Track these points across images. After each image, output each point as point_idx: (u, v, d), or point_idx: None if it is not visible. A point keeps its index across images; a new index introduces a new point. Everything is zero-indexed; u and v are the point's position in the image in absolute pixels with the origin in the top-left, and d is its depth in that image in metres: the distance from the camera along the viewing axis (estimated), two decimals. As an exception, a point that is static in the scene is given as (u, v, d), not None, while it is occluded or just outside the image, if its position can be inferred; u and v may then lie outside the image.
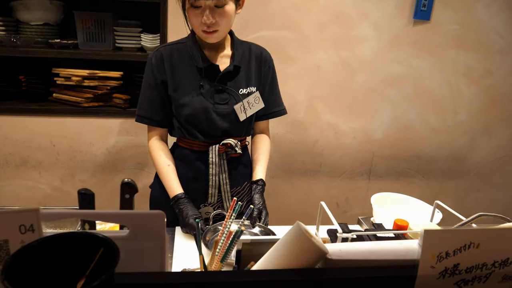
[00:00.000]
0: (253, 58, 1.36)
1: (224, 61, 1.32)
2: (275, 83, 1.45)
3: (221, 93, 1.30)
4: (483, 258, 0.64)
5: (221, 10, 1.18)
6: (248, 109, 1.33)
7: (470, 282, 0.65)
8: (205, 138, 1.32)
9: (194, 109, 1.28)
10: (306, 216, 2.34)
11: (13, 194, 2.09)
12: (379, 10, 2.05)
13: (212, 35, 1.21)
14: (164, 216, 0.68)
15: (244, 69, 1.34)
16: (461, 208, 2.44)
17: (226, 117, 1.31)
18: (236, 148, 1.33)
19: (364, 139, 2.27)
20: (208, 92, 1.29)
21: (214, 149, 1.32)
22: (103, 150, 2.07)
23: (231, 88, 1.31)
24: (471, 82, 2.25)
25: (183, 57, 1.29)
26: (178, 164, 1.36)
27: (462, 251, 0.63)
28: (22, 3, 1.95)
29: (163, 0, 1.90)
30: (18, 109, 1.98)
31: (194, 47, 1.29)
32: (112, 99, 2.07)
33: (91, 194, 0.77)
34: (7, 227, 0.60)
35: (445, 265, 0.63)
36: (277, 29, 2.02)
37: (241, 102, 1.31)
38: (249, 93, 1.34)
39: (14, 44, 1.92)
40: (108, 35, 2.03)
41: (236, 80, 1.32)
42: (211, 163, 1.32)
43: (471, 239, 0.76)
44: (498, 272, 0.65)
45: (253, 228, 1.28)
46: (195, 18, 1.19)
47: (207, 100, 1.28)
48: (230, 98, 1.31)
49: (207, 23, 1.17)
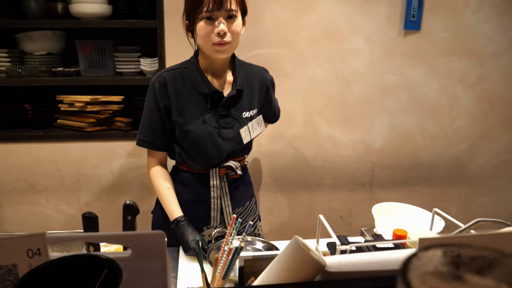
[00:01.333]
0: (256, 81, 1.39)
1: (227, 85, 1.35)
2: (274, 97, 1.51)
3: (225, 117, 1.32)
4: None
5: (233, 21, 1.21)
6: (252, 132, 1.36)
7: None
8: (206, 165, 1.33)
9: (200, 134, 1.29)
10: (310, 229, 2.36)
11: (20, 220, 2.13)
12: (369, 23, 2.10)
13: (224, 47, 1.22)
14: (164, 236, 0.71)
15: (247, 91, 1.35)
16: (465, 214, 2.47)
17: (231, 141, 1.33)
18: (237, 170, 1.36)
19: (364, 150, 2.29)
20: (213, 117, 1.30)
21: (214, 172, 1.34)
22: (107, 173, 2.12)
23: (235, 112, 1.33)
24: (466, 87, 2.28)
25: (186, 82, 1.30)
26: (179, 188, 1.38)
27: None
28: (26, 35, 2.02)
29: (160, 25, 1.96)
30: (24, 137, 2.03)
31: (197, 73, 1.30)
32: (114, 123, 2.12)
33: (95, 217, 0.80)
34: (15, 251, 0.64)
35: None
36: (272, 47, 2.08)
37: (246, 125, 1.34)
38: (252, 116, 1.36)
39: (20, 74, 1.98)
40: (109, 61, 2.09)
41: (240, 104, 1.34)
42: (212, 186, 1.34)
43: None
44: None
45: (256, 244, 1.30)
46: (207, 31, 1.20)
47: (212, 125, 1.30)
48: (234, 122, 1.33)
49: (221, 32, 1.18)
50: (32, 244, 0.63)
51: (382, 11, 2.09)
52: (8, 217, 2.12)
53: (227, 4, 1.18)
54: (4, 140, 2.02)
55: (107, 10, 1.99)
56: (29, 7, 1.94)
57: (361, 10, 2.08)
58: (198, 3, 1.18)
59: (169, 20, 1.96)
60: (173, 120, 1.31)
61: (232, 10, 1.20)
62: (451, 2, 2.13)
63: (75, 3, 1.93)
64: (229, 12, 1.19)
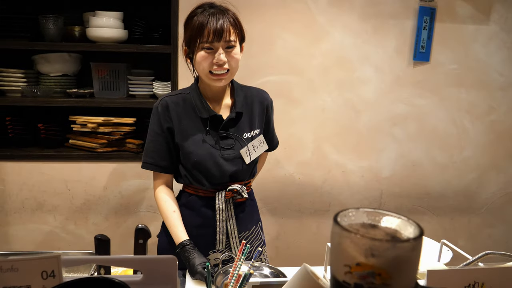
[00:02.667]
0: (256, 102, 1.41)
1: (227, 109, 1.38)
2: (272, 120, 1.52)
3: (226, 139, 1.35)
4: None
5: (231, 50, 1.25)
6: (253, 152, 1.38)
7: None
8: (211, 185, 1.34)
9: (202, 156, 1.31)
10: (317, 256, 2.33)
11: (28, 238, 2.14)
12: (379, 53, 2.14)
13: (223, 77, 1.26)
14: (176, 260, 0.71)
15: (247, 113, 1.38)
16: (474, 245, 2.43)
17: (233, 161, 1.35)
18: (243, 193, 1.37)
19: (372, 177, 2.29)
20: (213, 139, 1.33)
21: (220, 195, 1.34)
22: (116, 194, 2.13)
23: (235, 133, 1.36)
24: (475, 118, 2.29)
25: (187, 107, 1.34)
26: (185, 211, 1.38)
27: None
28: (43, 57, 2.08)
29: (174, 50, 2.01)
30: (36, 156, 2.06)
31: (197, 98, 1.34)
32: (125, 144, 2.14)
33: (107, 240, 0.81)
34: (30, 273, 0.64)
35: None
36: (282, 74, 2.12)
37: (246, 146, 1.36)
38: (253, 136, 1.38)
39: (35, 95, 2.03)
40: (122, 83, 2.14)
41: (240, 125, 1.37)
42: (218, 209, 1.34)
43: (475, 279, 0.77)
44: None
45: (263, 270, 1.29)
46: (206, 60, 1.24)
47: (214, 146, 1.33)
48: (235, 143, 1.35)
49: (220, 62, 1.23)
50: (47, 266, 0.64)
51: (392, 41, 2.13)
52: (16, 235, 2.13)
53: (226, 35, 1.23)
54: (17, 159, 2.05)
55: (123, 34, 2.05)
56: (47, 30, 2.01)
57: (371, 40, 2.12)
58: (199, 33, 1.22)
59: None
60: (176, 142, 1.34)
61: (231, 41, 1.25)
62: (460, 36, 2.17)
63: (93, 27, 2.00)
64: (228, 43, 1.24)
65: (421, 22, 2.10)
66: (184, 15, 1.96)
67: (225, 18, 1.23)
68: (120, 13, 2.05)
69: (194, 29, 1.24)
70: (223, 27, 1.22)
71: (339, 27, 2.10)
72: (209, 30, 1.21)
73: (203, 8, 1.27)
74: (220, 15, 1.23)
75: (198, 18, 1.24)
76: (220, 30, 1.21)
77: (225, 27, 1.22)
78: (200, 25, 1.23)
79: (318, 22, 2.09)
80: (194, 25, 1.24)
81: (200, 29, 1.22)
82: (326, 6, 2.07)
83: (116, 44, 2.03)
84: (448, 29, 2.16)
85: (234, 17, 1.28)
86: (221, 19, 1.22)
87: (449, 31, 2.16)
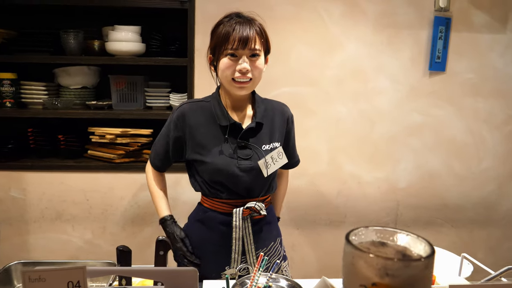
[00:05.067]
0: (277, 115, 1.40)
1: (247, 120, 1.37)
2: (294, 137, 1.51)
3: (244, 149, 1.33)
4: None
5: (256, 59, 1.26)
6: (272, 164, 1.35)
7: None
8: (228, 195, 1.34)
9: (218, 164, 1.30)
10: (333, 268, 2.31)
11: (47, 247, 2.17)
12: (394, 64, 2.14)
13: (245, 85, 1.26)
14: (197, 273, 0.72)
15: (267, 125, 1.37)
16: (494, 258, 2.38)
17: (250, 173, 1.32)
18: (261, 211, 1.34)
19: (388, 188, 2.27)
20: (231, 148, 1.32)
21: (238, 212, 1.32)
22: (133, 204, 2.16)
23: (254, 144, 1.34)
24: (493, 128, 2.26)
25: (206, 115, 1.34)
26: (201, 227, 1.38)
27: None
28: (64, 70, 2.14)
29: (190, 63, 2.05)
30: (56, 166, 2.11)
31: (218, 106, 1.34)
32: (142, 155, 2.18)
33: (129, 251, 0.82)
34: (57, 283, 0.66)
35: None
36: (297, 85, 2.13)
37: (263, 158, 1.33)
38: (272, 148, 1.36)
39: (55, 107, 2.09)
40: (140, 95, 2.18)
41: (259, 137, 1.35)
42: (235, 227, 1.33)
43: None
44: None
45: (280, 282, 1.29)
46: (229, 67, 1.24)
47: (231, 156, 1.31)
48: (253, 153, 1.33)
49: (243, 70, 1.23)
50: (73, 276, 0.66)
51: (407, 52, 2.13)
52: (35, 244, 2.17)
53: (251, 43, 1.23)
54: (37, 169, 2.10)
55: (140, 48, 2.10)
56: (68, 44, 2.07)
57: (386, 50, 2.12)
58: (224, 40, 1.23)
59: (199, 58, 2.04)
60: (189, 153, 1.35)
61: (256, 49, 1.25)
62: (476, 45, 2.16)
63: (111, 41, 2.05)
64: (253, 51, 1.25)
65: (436, 32, 2.10)
66: (200, 28, 2.02)
67: (251, 27, 1.24)
68: (138, 27, 2.10)
69: (220, 37, 1.25)
70: (248, 35, 1.22)
71: (353, 38, 2.11)
72: (235, 37, 1.22)
73: (230, 17, 1.28)
74: (247, 24, 1.24)
75: (224, 26, 1.25)
76: (245, 38, 1.22)
77: (250, 35, 1.23)
78: (226, 32, 1.24)
79: (332, 33, 2.10)
80: (220, 33, 1.25)
81: (225, 37, 1.23)
82: (340, 18, 2.09)
83: (134, 57, 2.08)
84: (464, 38, 2.15)
85: (261, 27, 1.29)
86: (247, 28, 1.23)
87: (465, 40, 2.15)
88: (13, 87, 2.10)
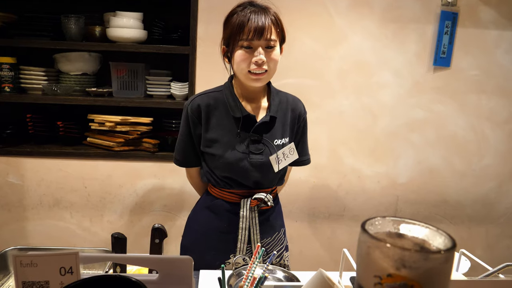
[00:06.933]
0: (290, 110, 1.37)
1: (261, 112, 1.34)
2: (306, 134, 1.47)
3: (256, 143, 1.30)
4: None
5: (271, 50, 1.22)
6: (283, 160, 1.33)
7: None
8: (236, 187, 1.32)
9: (229, 159, 1.28)
10: (330, 261, 2.31)
11: (45, 234, 2.17)
12: (398, 58, 2.11)
13: (261, 76, 1.22)
14: (192, 261, 0.71)
15: (280, 119, 1.34)
16: (492, 255, 2.38)
17: (260, 167, 1.30)
18: (268, 202, 1.33)
19: (388, 183, 2.26)
20: (243, 141, 1.29)
21: (245, 202, 1.31)
22: (131, 192, 2.15)
23: (267, 139, 1.31)
24: (495, 126, 2.24)
25: (219, 106, 1.31)
26: (209, 214, 1.37)
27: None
28: (64, 56, 2.12)
29: (192, 51, 2.02)
30: (54, 153, 2.09)
31: (231, 97, 1.30)
32: (142, 144, 2.16)
33: (124, 238, 0.81)
34: (49, 269, 0.65)
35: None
36: (300, 77, 2.11)
37: (275, 153, 1.31)
38: (283, 144, 1.34)
39: (55, 93, 2.07)
40: (140, 83, 2.16)
41: (272, 131, 1.32)
42: (242, 217, 1.32)
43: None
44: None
45: (277, 274, 1.28)
46: (244, 60, 1.21)
47: (242, 150, 1.28)
48: (265, 148, 1.30)
49: (259, 62, 1.19)
50: (66, 262, 0.65)
51: (412, 46, 2.11)
52: (33, 230, 2.16)
53: (267, 34, 1.19)
54: (36, 155, 2.08)
55: (142, 35, 2.07)
56: (69, 29, 2.04)
57: (391, 44, 2.10)
58: (239, 31, 1.19)
59: (201, 47, 2.02)
60: (202, 146, 1.32)
61: (272, 40, 1.21)
62: (482, 41, 2.13)
63: (113, 28, 2.02)
64: (269, 42, 1.21)
65: (442, 27, 2.07)
66: (203, 17, 1.99)
67: (266, 16, 1.20)
68: (140, 14, 2.07)
69: (234, 27, 1.20)
70: (264, 25, 1.18)
71: (358, 31, 2.08)
72: (250, 28, 1.17)
73: (244, 6, 1.23)
74: (262, 13, 1.20)
75: (238, 16, 1.21)
76: (261, 28, 1.18)
77: (266, 25, 1.18)
78: (240, 23, 1.19)
79: (337, 26, 2.07)
80: (234, 23, 1.20)
81: (240, 27, 1.19)
82: (346, 10, 2.06)
83: (135, 44, 2.05)
84: (470, 34, 2.12)
85: (276, 16, 1.24)
86: (263, 17, 1.19)
87: (471, 36, 2.12)
88: (12, 72, 2.08)
